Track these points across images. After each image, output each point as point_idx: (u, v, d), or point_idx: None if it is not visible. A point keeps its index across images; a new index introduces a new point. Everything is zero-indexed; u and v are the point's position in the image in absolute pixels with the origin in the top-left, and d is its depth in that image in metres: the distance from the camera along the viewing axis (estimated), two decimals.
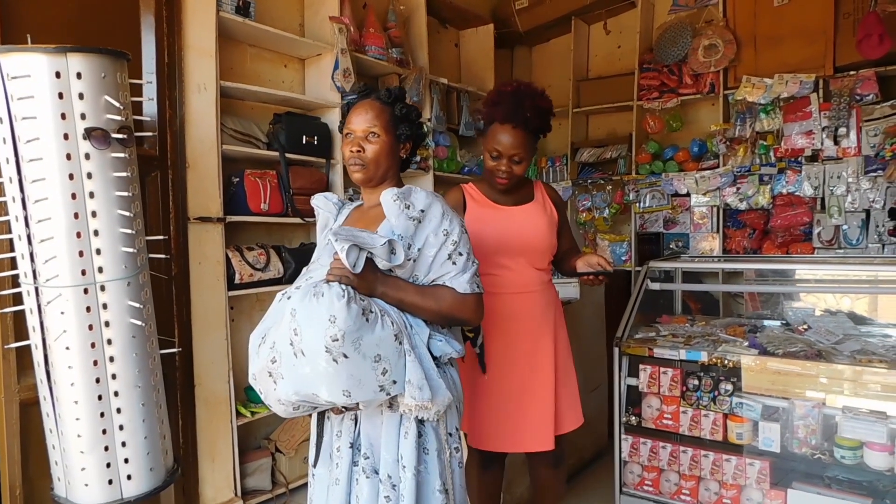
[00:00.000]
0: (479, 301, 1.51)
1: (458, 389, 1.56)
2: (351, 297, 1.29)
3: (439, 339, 1.48)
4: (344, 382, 1.30)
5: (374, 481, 1.45)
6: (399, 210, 1.44)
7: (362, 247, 1.36)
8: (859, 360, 2.27)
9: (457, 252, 1.48)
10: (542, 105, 2.05)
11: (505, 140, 2.00)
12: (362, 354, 1.29)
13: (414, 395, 1.35)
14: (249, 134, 3.13)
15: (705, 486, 2.49)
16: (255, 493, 3.01)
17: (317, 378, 1.31)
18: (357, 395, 1.32)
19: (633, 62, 4.76)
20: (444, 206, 1.50)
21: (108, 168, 1.71)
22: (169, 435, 1.97)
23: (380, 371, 1.32)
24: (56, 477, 1.84)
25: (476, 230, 2.06)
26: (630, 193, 4.75)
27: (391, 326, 1.35)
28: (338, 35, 3.36)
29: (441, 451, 1.49)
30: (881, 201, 3.76)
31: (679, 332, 2.74)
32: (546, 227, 2.12)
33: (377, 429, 1.47)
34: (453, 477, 1.52)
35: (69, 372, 1.71)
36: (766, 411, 2.39)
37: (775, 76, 4.02)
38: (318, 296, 1.28)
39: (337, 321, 1.25)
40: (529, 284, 2.11)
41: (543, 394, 2.09)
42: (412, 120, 1.64)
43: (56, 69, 1.61)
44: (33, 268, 1.70)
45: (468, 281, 1.48)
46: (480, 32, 4.82)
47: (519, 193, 2.16)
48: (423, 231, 1.46)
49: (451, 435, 1.53)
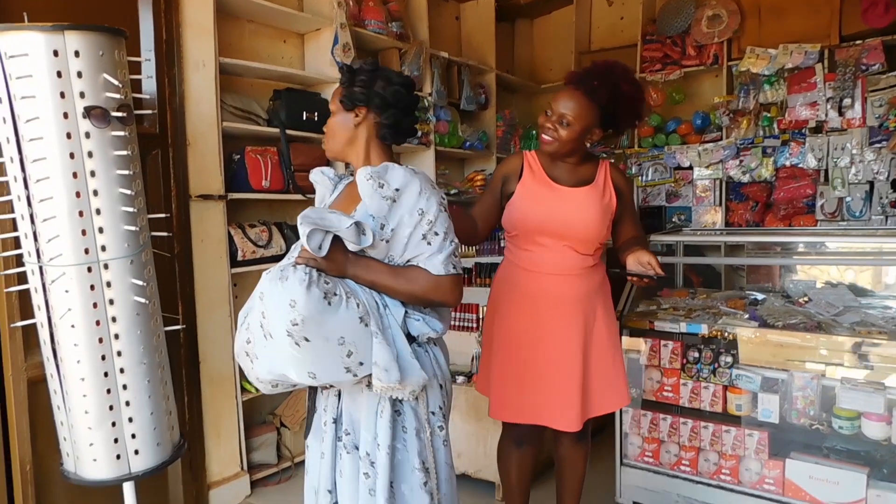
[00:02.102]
0: (455, 282, 1.46)
1: (442, 368, 1.54)
2: (313, 281, 1.29)
3: (416, 319, 1.47)
4: (308, 365, 1.33)
5: (354, 457, 1.48)
6: (372, 189, 1.41)
7: (328, 229, 1.34)
8: (859, 331, 2.29)
9: (432, 232, 1.43)
10: (622, 87, 1.94)
11: (560, 97, 1.95)
12: (325, 337, 1.30)
13: (380, 377, 1.35)
14: (249, 111, 3.12)
15: (705, 457, 2.52)
16: (261, 466, 3.06)
17: (284, 360, 1.34)
18: (323, 377, 1.35)
19: (635, 34, 4.71)
20: (422, 183, 1.44)
21: (108, 146, 1.71)
22: (175, 411, 2.00)
23: (344, 353, 1.32)
24: (65, 453, 1.87)
25: (524, 205, 2.05)
26: (632, 167, 4.74)
27: (356, 309, 1.34)
28: (337, 9, 3.33)
29: (421, 430, 1.48)
30: (885, 173, 3.74)
31: (680, 306, 2.75)
32: (597, 216, 2.01)
33: (358, 406, 1.49)
34: (436, 455, 1.52)
35: (75, 349, 1.73)
36: (765, 383, 2.41)
37: (780, 47, 3.97)
38: (283, 279, 1.29)
39: (297, 305, 1.26)
40: (568, 267, 2.04)
41: (569, 374, 2.04)
42: (359, 84, 1.53)
43: (54, 47, 1.61)
44: (37, 247, 1.71)
45: (443, 262, 1.44)
46: (481, 5, 4.76)
47: (578, 172, 2.06)
48: (397, 210, 1.41)
49: (433, 414, 1.51)
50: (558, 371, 2.05)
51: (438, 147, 4.16)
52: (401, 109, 1.55)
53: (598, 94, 1.92)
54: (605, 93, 1.92)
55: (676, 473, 2.58)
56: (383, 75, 1.55)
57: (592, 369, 2.09)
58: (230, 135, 2.96)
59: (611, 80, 1.94)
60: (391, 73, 1.56)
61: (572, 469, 2.26)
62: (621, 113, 1.99)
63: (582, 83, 1.94)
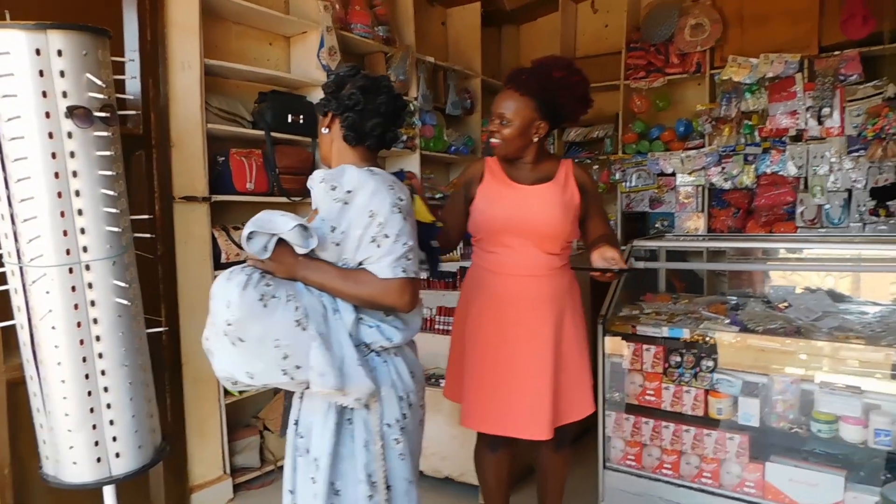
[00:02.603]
0: (404, 286, 1.42)
1: (403, 380, 1.51)
2: (251, 283, 1.32)
3: (370, 326, 1.45)
4: (245, 365, 1.35)
5: (306, 460, 1.48)
6: (324, 192, 1.42)
7: (271, 232, 1.36)
8: (837, 336, 2.32)
9: (382, 234, 1.41)
10: (553, 75, 1.93)
11: (498, 100, 1.99)
12: (258, 339, 1.32)
13: (315, 382, 1.36)
14: (235, 113, 3.10)
15: (686, 461, 2.55)
16: (244, 470, 3.04)
17: (227, 358, 1.37)
18: (260, 378, 1.37)
19: (620, 41, 4.76)
20: (377, 185, 1.42)
21: (91, 147, 1.69)
22: (157, 413, 1.99)
23: (280, 356, 1.33)
24: (44, 456, 1.85)
25: (485, 206, 2.04)
26: (616, 173, 4.77)
27: (293, 311, 1.34)
28: (323, 12, 3.33)
29: (370, 442, 1.46)
30: (863, 181, 3.80)
31: (662, 310, 2.78)
32: (558, 212, 1.99)
33: (314, 411, 1.48)
34: (390, 469, 1.49)
35: (55, 351, 1.71)
36: (745, 387, 2.44)
37: (761, 56, 4.04)
38: (228, 280, 1.34)
39: (231, 306, 1.30)
40: (533, 268, 2.02)
41: (539, 381, 2.01)
42: (327, 92, 1.57)
43: (36, 46, 1.60)
44: (17, 247, 1.69)
45: (390, 265, 1.41)
46: (467, 10, 4.79)
47: (538, 171, 2.06)
48: (348, 212, 1.41)
49: (388, 426, 1.48)
50: (527, 376, 2.02)
51: (424, 151, 4.17)
52: (358, 112, 1.52)
53: (529, 87, 1.92)
54: (536, 84, 1.92)
55: (658, 477, 2.60)
56: (349, 81, 1.54)
57: (562, 375, 2.05)
58: (215, 136, 2.95)
59: (540, 70, 1.94)
60: (358, 78, 1.54)
61: (552, 477, 2.27)
62: (561, 101, 1.97)
63: (513, 80, 1.95)
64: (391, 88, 1.57)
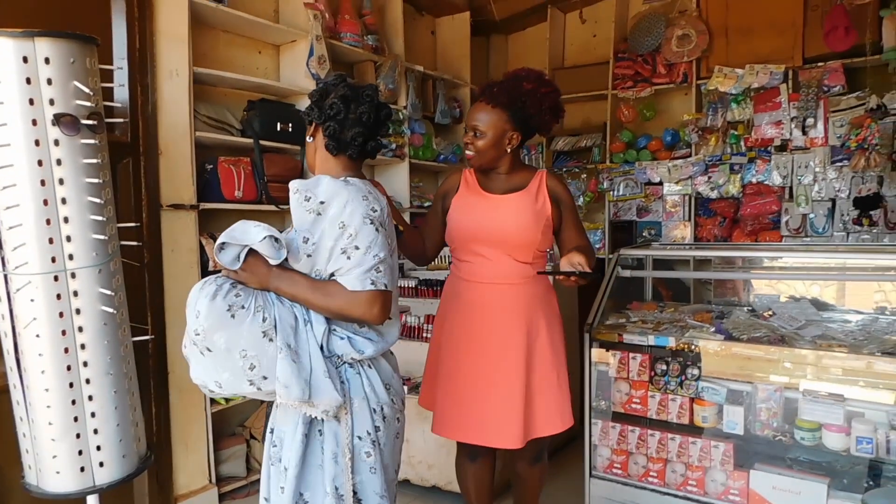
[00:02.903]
0: (373, 298, 1.40)
1: (377, 392, 1.49)
2: (219, 293, 1.34)
3: (340, 338, 1.45)
4: (215, 374, 1.37)
5: (277, 469, 1.49)
6: (298, 203, 1.43)
7: (242, 243, 1.38)
8: (820, 344, 2.35)
9: (352, 246, 1.40)
10: (523, 86, 1.97)
11: (470, 113, 2.04)
12: (226, 349, 1.34)
13: (280, 393, 1.36)
14: (223, 120, 3.11)
15: (672, 469, 2.56)
16: (230, 479, 3.02)
17: (199, 366, 1.39)
18: (228, 388, 1.39)
19: (607, 51, 4.80)
20: (350, 196, 1.41)
21: (78, 154, 1.69)
22: (142, 422, 1.98)
23: (247, 366, 1.35)
24: (27, 465, 1.84)
25: (458, 216, 2.08)
26: (604, 182, 4.81)
27: (261, 323, 1.35)
28: (312, 21, 3.34)
29: (339, 455, 1.44)
30: (846, 191, 3.85)
31: (648, 319, 2.80)
32: (528, 220, 2.00)
33: (287, 420, 1.48)
34: (360, 483, 1.47)
35: (40, 359, 1.71)
36: (730, 395, 2.45)
37: (746, 67, 4.09)
38: (200, 290, 1.36)
39: (199, 316, 1.33)
40: (506, 276, 2.03)
41: (510, 389, 2.01)
42: (312, 101, 1.56)
43: (23, 54, 1.60)
44: (2, 255, 1.68)
45: (359, 277, 1.39)
46: (456, 20, 4.82)
47: (512, 180, 2.08)
48: (321, 223, 1.41)
49: (360, 438, 1.46)
50: (498, 384, 2.02)
51: (413, 160, 4.18)
52: (339, 122, 1.51)
53: (499, 99, 1.96)
54: (506, 95, 1.96)
55: (644, 485, 2.61)
56: (332, 90, 1.53)
57: (535, 387, 2.05)
58: (203, 144, 2.95)
59: (510, 82, 1.99)
60: (340, 87, 1.53)
61: (528, 489, 2.28)
62: (532, 111, 1.99)
63: (485, 93, 1.99)
64: (374, 98, 1.54)
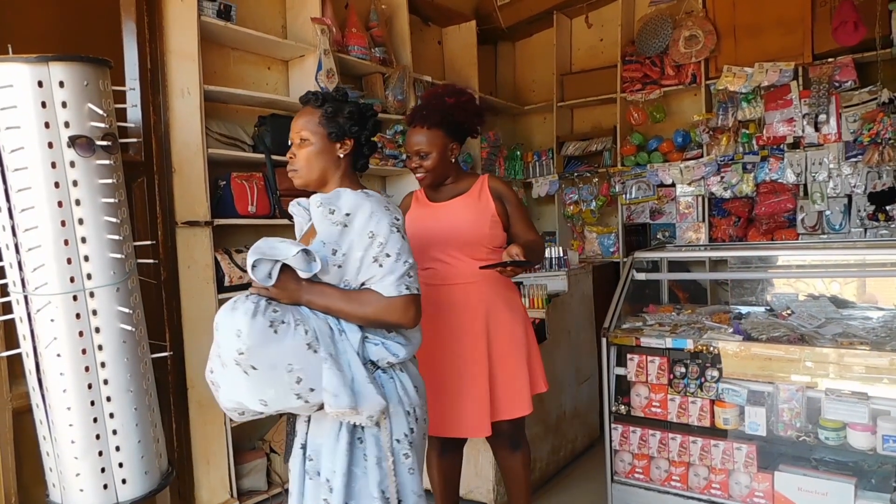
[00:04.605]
0: (408, 303, 1.46)
1: (409, 395, 1.53)
2: (259, 311, 1.32)
3: (375, 344, 1.48)
4: (259, 392, 1.35)
5: (316, 483, 1.48)
6: (323, 215, 1.44)
7: (275, 258, 1.38)
8: (841, 342, 2.32)
9: (383, 254, 1.44)
10: (447, 101, 2.14)
11: (410, 139, 2.17)
12: (272, 365, 1.32)
13: (330, 403, 1.37)
14: (235, 137, 3.13)
15: (694, 472, 2.53)
16: (251, 493, 3.03)
17: (237, 388, 1.36)
18: (274, 405, 1.37)
19: (615, 55, 4.80)
20: (374, 207, 1.46)
21: (93, 175, 1.72)
22: (163, 438, 1.99)
23: (293, 380, 1.34)
24: (51, 483, 1.85)
25: (411, 230, 2.17)
26: (616, 185, 4.79)
27: (303, 335, 1.36)
28: (320, 36, 3.37)
29: (382, 459, 1.47)
30: (862, 186, 3.81)
31: (665, 321, 2.78)
32: (471, 217, 2.15)
33: (322, 432, 1.49)
34: (400, 485, 1.50)
35: (61, 379, 1.72)
36: (751, 396, 2.43)
37: (755, 65, 4.07)
38: (234, 310, 1.33)
39: (242, 335, 1.30)
40: (464, 276, 2.15)
41: (478, 382, 2.13)
42: (346, 116, 1.59)
43: (38, 78, 1.63)
44: (22, 276, 1.71)
45: (394, 283, 1.44)
46: (463, 29, 4.83)
47: (457, 188, 2.23)
48: (348, 235, 1.44)
49: (398, 441, 1.50)
50: (465, 378, 2.14)
51: None
52: (371, 141, 1.65)
53: (433, 119, 2.12)
54: (437, 114, 2.12)
55: (667, 489, 2.58)
56: (362, 106, 1.63)
57: (497, 373, 2.16)
58: (216, 161, 2.97)
59: (434, 101, 2.15)
60: (364, 104, 1.65)
61: (515, 477, 2.33)
62: (461, 119, 2.17)
63: (417, 119, 2.15)
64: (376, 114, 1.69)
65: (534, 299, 3.19)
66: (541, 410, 3.06)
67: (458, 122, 2.17)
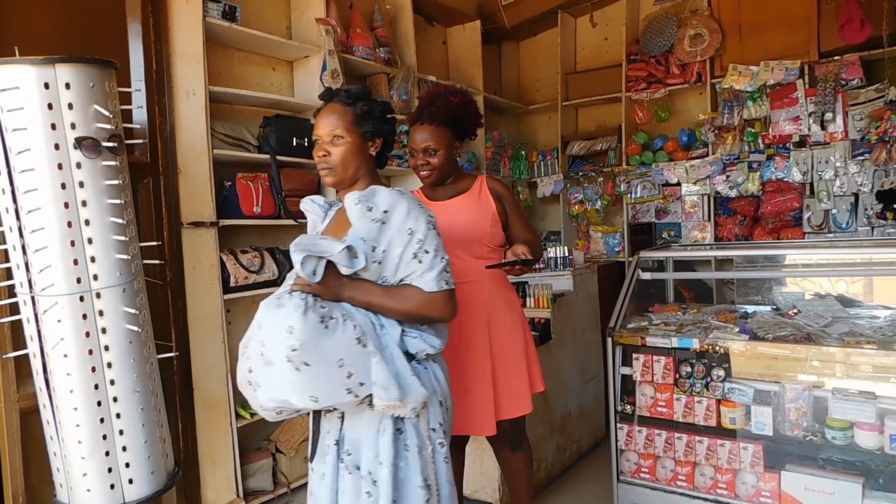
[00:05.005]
0: (448, 298, 1.49)
1: (441, 385, 1.56)
2: (309, 307, 1.32)
3: (413, 336, 1.49)
4: (310, 389, 1.34)
5: (356, 477, 1.49)
6: (361, 213, 1.45)
7: (320, 255, 1.38)
8: (848, 342, 2.31)
9: (423, 250, 1.47)
10: (452, 101, 2.15)
11: (416, 136, 2.16)
12: (324, 361, 1.32)
13: (380, 396, 1.38)
14: (240, 137, 3.14)
15: (700, 472, 2.52)
16: (257, 493, 3.03)
17: (285, 386, 1.35)
18: (325, 400, 1.36)
19: (620, 54, 4.79)
20: (410, 204, 1.48)
21: (99, 176, 1.72)
22: (169, 438, 2.00)
23: (344, 375, 1.34)
24: (58, 483, 1.86)
25: None
26: (621, 185, 4.79)
27: (353, 330, 1.37)
28: (325, 36, 3.38)
29: (422, 448, 1.49)
30: (869, 184, 3.80)
31: (671, 321, 2.77)
32: (472, 216, 2.18)
33: (359, 426, 1.49)
34: (437, 472, 1.52)
35: (68, 379, 1.73)
36: (757, 395, 2.42)
37: (761, 63, 4.06)
38: (280, 307, 1.33)
39: (294, 331, 1.29)
40: (465, 275, 2.14)
41: (483, 380, 2.14)
42: (377, 115, 1.62)
43: (45, 80, 1.63)
44: (29, 277, 1.72)
45: (435, 279, 1.47)
46: (467, 29, 4.84)
47: (456, 188, 2.25)
48: (387, 231, 1.45)
49: (434, 430, 1.53)
50: (471, 376, 2.15)
51: None
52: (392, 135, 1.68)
53: (440, 117, 2.13)
54: (445, 113, 2.13)
55: (673, 489, 2.58)
56: (384, 107, 1.65)
57: (499, 373, 2.18)
58: (221, 162, 2.98)
59: (441, 100, 2.15)
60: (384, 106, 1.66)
61: (516, 476, 2.33)
62: (464, 119, 2.20)
63: (425, 116, 2.15)
64: None
65: (539, 299, 3.18)
66: (546, 410, 3.05)
67: (461, 121, 2.19)
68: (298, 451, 3.17)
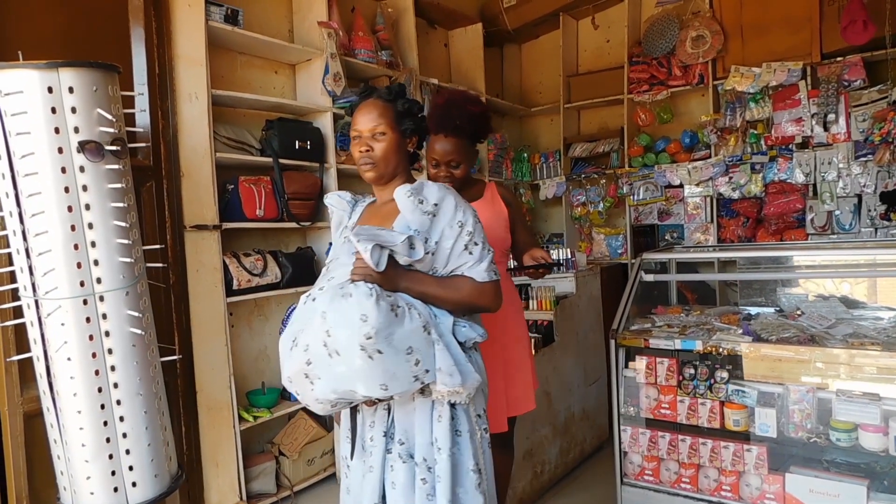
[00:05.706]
0: (496, 288, 1.55)
1: (483, 373, 1.58)
2: (379, 295, 1.34)
3: (463, 326, 1.52)
4: (380, 377, 1.36)
5: (409, 466, 1.50)
6: (414, 205, 1.48)
7: (384, 245, 1.40)
8: (851, 343, 2.30)
9: (472, 242, 1.51)
10: (473, 111, 2.15)
11: (439, 148, 2.14)
12: (395, 348, 1.34)
13: (445, 382, 1.41)
14: (242, 141, 3.15)
15: (704, 474, 2.52)
16: (260, 496, 3.04)
17: (353, 375, 1.36)
18: (393, 388, 1.38)
19: (622, 56, 4.79)
20: (456, 197, 1.53)
21: (102, 180, 1.73)
22: (172, 441, 2.00)
23: (413, 362, 1.37)
24: (62, 486, 1.86)
25: None
26: (623, 186, 4.78)
27: (418, 318, 1.40)
28: (327, 40, 3.38)
29: (472, 433, 1.53)
30: (872, 186, 3.79)
31: (674, 323, 2.77)
32: (489, 222, 2.18)
33: (410, 415, 1.52)
34: (484, 457, 1.56)
35: (71, 382, 1.73)
36: (761, 397, 2.41)
37: (763, 65, 4.05)
38: (347, 296, 1.34)
39: (369, 319, 1.31)
40: None
41: (495, 377, 2.15)
42: (415, 114, 1.66)
43: (48, 84, 1.64)
44: (32, 281, 1.72)
45: (486, 270, 1.52)
46: (469, 32, 4.84)
47: (469, 193, 2.25)
48: (438, 224, 1.49)
49: (479, 416, 1.57)
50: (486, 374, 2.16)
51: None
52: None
53: (464, 130, 2.14)
54: (467, 125, 2.15)
55: (677, 491, 2.57)
56: (419, 106, 1.69)
57: (509, 371, 2.23)
58: (223, 165, 2.99)
59: (462, 111, 2.15)
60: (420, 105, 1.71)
61: (501, 478, 2.34)
62: (480, 127, 2.21)
63: (448, 128, 2.13)
64: None
65: (542, 301, 3.18)
66: (549, 412, 3.05)
67: (478, 131, 2.21)
68: (302, 453, 3.17)
